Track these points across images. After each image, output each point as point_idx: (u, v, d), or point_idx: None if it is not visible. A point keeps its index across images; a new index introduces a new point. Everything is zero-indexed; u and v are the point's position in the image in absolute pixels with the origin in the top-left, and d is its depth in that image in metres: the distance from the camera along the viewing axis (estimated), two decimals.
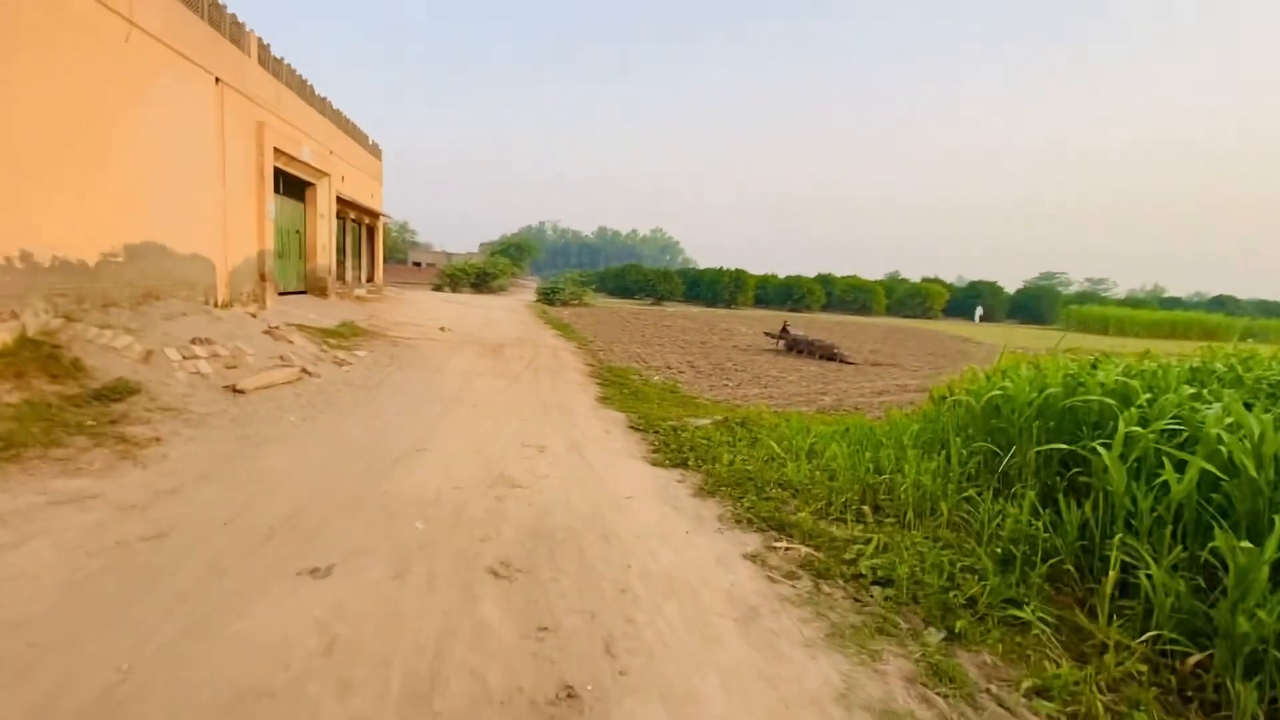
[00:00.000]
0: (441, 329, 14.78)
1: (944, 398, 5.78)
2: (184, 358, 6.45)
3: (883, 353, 18.76)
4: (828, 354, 15.32)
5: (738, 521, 4.21)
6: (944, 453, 4.76)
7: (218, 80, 9.35)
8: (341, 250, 17.34)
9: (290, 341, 8.22)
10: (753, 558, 3.69)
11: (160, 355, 6.32)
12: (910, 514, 4.22)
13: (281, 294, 13.37)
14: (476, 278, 40.86)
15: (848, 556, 3.75)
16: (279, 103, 11.59)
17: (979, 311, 52.11)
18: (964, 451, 4.60)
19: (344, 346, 9.86)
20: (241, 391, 6.22)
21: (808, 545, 3.91)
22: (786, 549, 3.87)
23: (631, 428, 6.83)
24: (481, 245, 75.32)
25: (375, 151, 19.71)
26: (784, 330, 16.83)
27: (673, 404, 8.53)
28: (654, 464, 5.50)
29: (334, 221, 15.35)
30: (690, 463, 5.48)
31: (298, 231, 14.16)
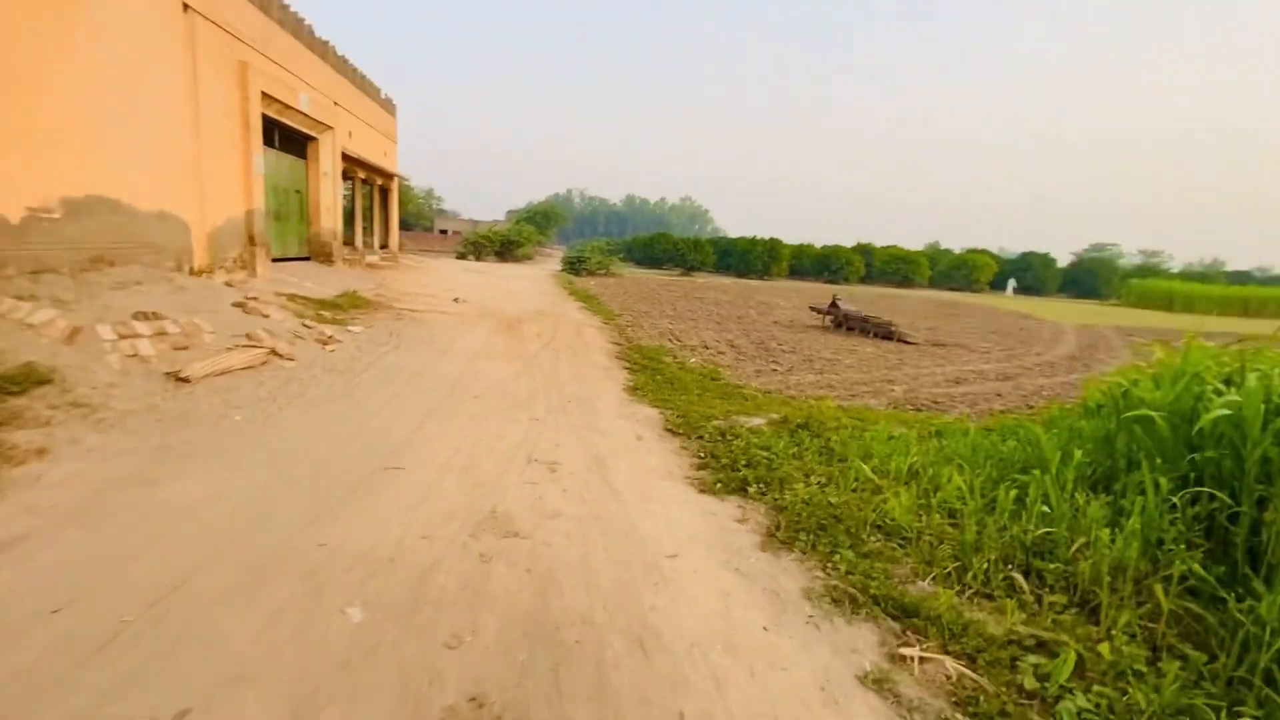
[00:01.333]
0: (455, 300, 13.55)
1: (1100, 406, 4.26)
2: (120, 336, 5.25)
3: (941, 330, 16.95)
4: (884, 332, 13.63)
5: (835, 601, 2.82)
6: (1127, 496, 3.28)
7: (186, 7, 8.00)
8: (350, 213, 16.13)
9: (266, 315, 7.01)
10: (876, 683, 2.31)
11: (90, 334, 5.13)
12: (1104, 596, 2.78)
13: (280, 260, 12.22)
14: (501, 246, 39.62)
15: (1025, 682, 2.35)
16: (268, 42, 10.21)
17: (1012, 284, 49.30)
18: (1175, 499, 3.11)
19: (337, 321, 8.65)
20: (186, 380, 5.01)
21: (953, 654, 2.52)
22: (922, 659, 2.49)
23: (668, 430, 5.46)
24: (508, 213, 73.77)
25: (388, 107, 18.27)
26: (833, 305, 15.14)
27: (716, 395, 7.12)
28: (702, 489, 4.13)
29: (340, 181, 14.07)
30: (750, 487, 4.10)
31: (298, 191, 12.91)
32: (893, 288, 46.34)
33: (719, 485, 4.19)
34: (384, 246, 19.15)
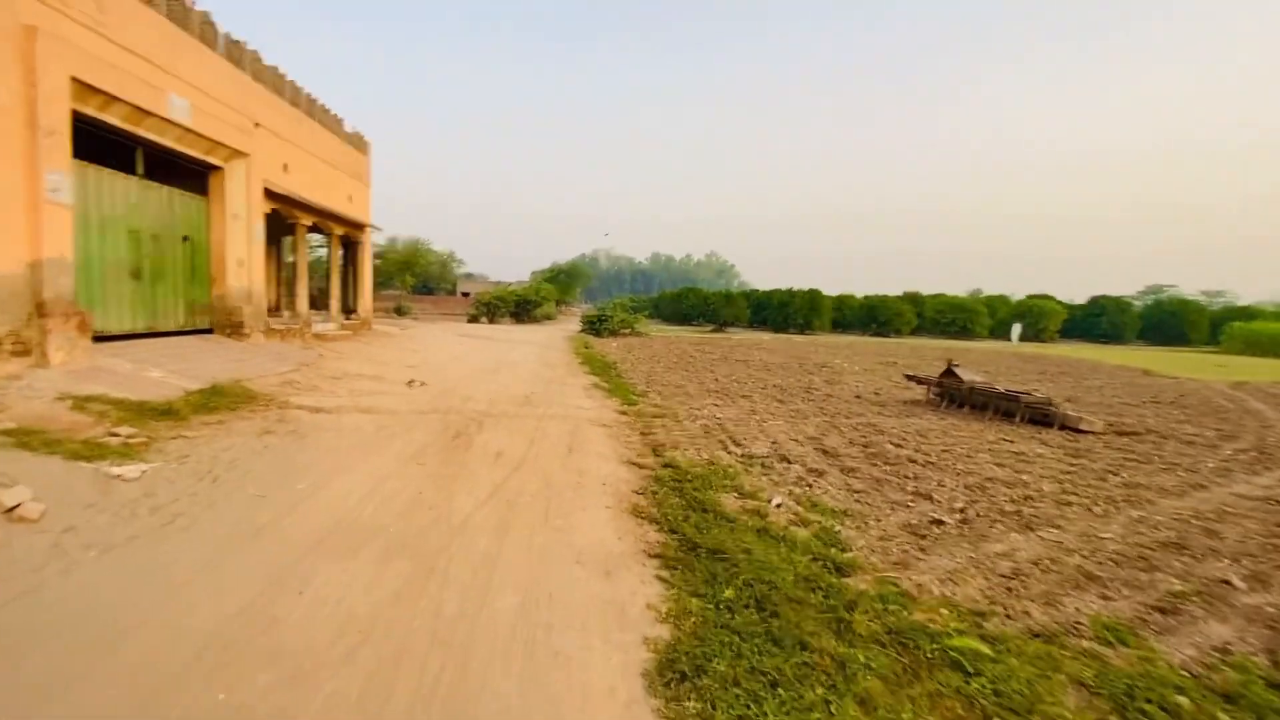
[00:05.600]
0: (410, 383, 9.58)
1: None
2: None
3: (1083, 402, 12.30)
4: (1040, 416, 9.10)
5: None
6: None
7: None
8: (289, 271, 12.59)
9: None
10: None
11: None
12: None
13: (147, 336, 8.47)
14: (516, 306, 36.47)
15: None
16: (101, 9, 6.76)
17: (1017, 330, 42.07)
18: None
19: (128, 448, 4.65)
20: None
21: None
22: None
23: None
24: (532, 274, 71.87)
25: (356, 143, 15.00)
26: (948, 373, 10.70)
27: (868, 657, 2.78)
28: None
29: (259, 228, 10.48)
30: None
31: (186, 238, 9.32)
32: (950, 340, 41.44)
33: None
34: (350, 311, 15.50)
